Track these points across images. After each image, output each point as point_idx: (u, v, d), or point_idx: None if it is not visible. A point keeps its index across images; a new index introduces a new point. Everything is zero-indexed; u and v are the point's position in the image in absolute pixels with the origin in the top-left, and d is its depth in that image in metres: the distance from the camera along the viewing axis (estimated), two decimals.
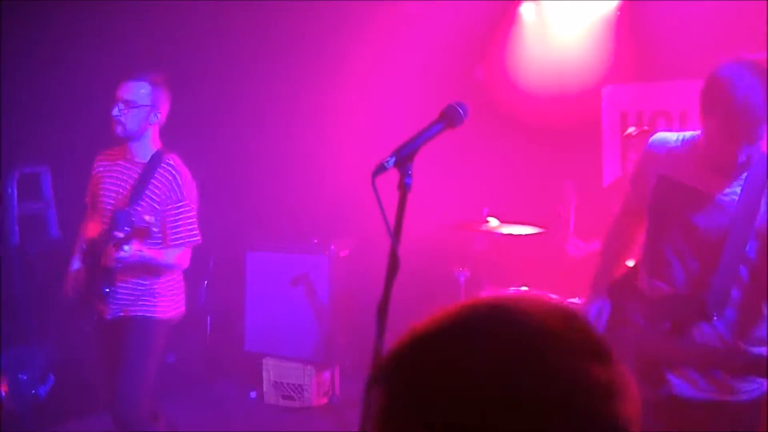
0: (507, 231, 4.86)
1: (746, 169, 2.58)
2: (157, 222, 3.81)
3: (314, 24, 6.33)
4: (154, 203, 3.81)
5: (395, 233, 2.01)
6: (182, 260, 3.92)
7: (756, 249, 2.58)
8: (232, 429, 5.39)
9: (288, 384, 5.72)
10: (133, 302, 3.87)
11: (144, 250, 3.74)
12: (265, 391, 5.81)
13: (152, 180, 3.83)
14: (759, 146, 2.49)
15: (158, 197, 3.81)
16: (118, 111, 3.82)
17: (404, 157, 2.03)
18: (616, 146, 5.65)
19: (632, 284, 2.89)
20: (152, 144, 3.92)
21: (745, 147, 2.47)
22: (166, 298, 3.94)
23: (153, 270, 3.88)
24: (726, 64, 2.47)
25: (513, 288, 4.84)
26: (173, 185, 3.82)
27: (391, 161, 2.02)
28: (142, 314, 3.87)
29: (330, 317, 5.74)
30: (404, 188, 2.03)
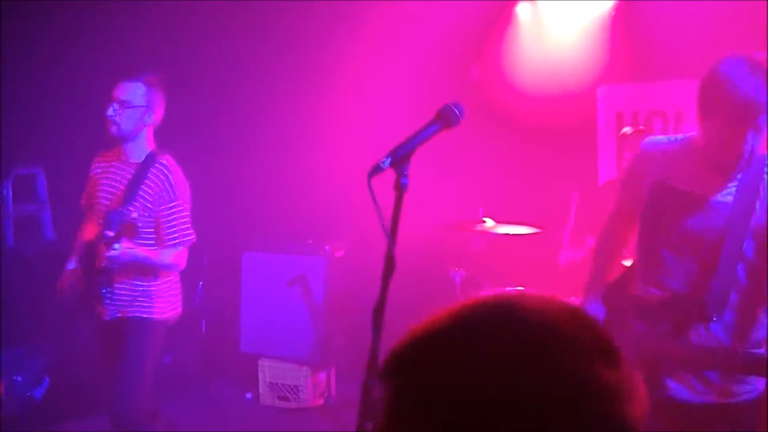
0: (503, 231, 4.86)
1: (743, 168, 2.58)
2: (149, 221, 3.82)
3: (310, 25, 6.32)
4: (147, 203, 3.82)
5: (391, 234, 2.01)
6: (179, 260, 3.92)
7: (753, 249, 2.58)
8: (228, 430, 5.38)
9: (284, 385, 5.71)
10: (131, 303, 3.87)
11: (135, 249, 3.74)
12: (261, 392, 5.79)
13: (145, 180, 3.83)
14: (761, 139, 2.48)
15: (151, 197, 3.82)
16: (113, 111, 3.83)
17: (400, 158, 2.03)
18: (612, 146, 5.66)
19: (626, 289, 2.88)
20: (147, 145, 3.93)
21: (751, 138, 2.45)
22: (164, 299, 3.94)
23: (149, 270, 3.88)
24: (723, 61, 2.47)
25: (509, 288, 4.84)
26: (165, 185, 3.82)
27: (387, 162, 2.02)
28: (140, 315, 3.87)
29: (326, 318, 5.73)
30: (400, 189, 2.03)
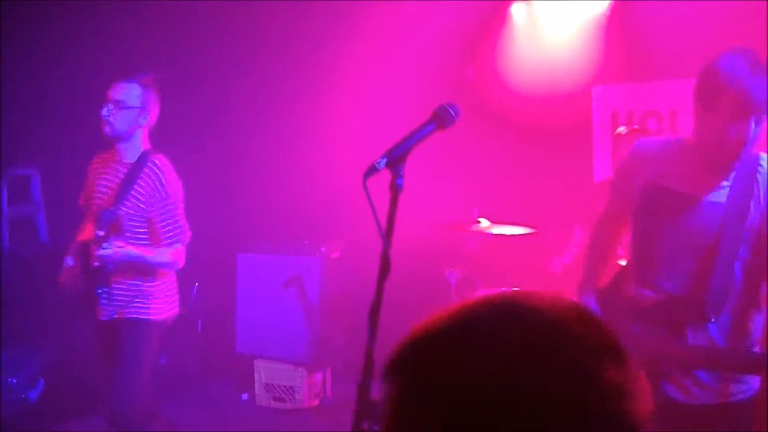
0: (498, 231, 4.86)
1: (738, 164, 2.56)
2: (142, 221, 3.82)
3: (306, 25, 6.32)
4: (140, 202, 3.81)
5: (387, 234, 2.01)
6: (177, 258, 3.91)
7: (749, 249, 2.58)
8: (223, 430, 5.37)
9: (279, 386, 5.70)
10: (128, 304, 3.86)
11: (126, 247, 3.73)
12: (257, 393, 5.79)
13: (137, 180, 3.83)
14: (761, 130, 2.47)
15: (143, 196, 3.81)
16: (107, 111, 3.83)
17: (396, 158, 2.03)
18: (607, 146, 5.66)
19: (620, 290, 2.88)
20: (141, 145, 3.93)
21: (753, 129, 2.44)
22: (160, 300, 3.94)
23: (146, 269, 3.87)
24: (722, 55, 2.47)
25: (504, 288, 4.83)
26: (157, 184, 3.82)
27: (383, 162, 2.02)
28: (136, 316, 3.86)
29: (321, 319, 5.73)
30: (396, 189, 2.03)
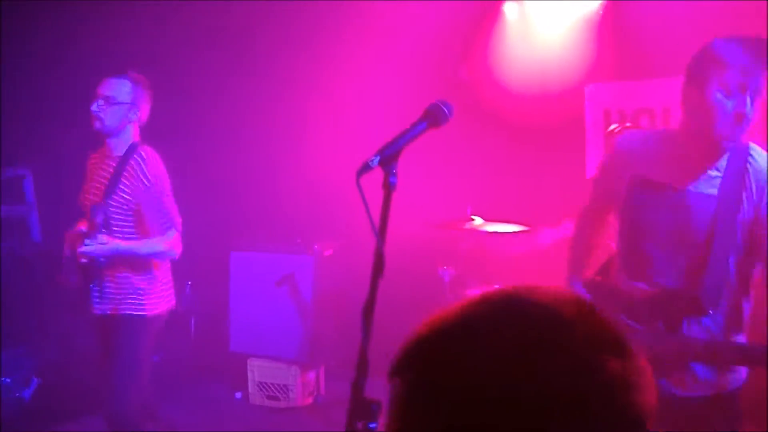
0: (491, 229, 4.88)
1: (725, 152, 2.55)
2: (128, 214, 3.81)
3: (300, 25, 6.32)
4: (126, 195, 3.81)
5: (380, 232, 2.01)
6: (173, 245, 3.88)
7: (742, 241, 2.57)
8: (217, 430, 5.37)
9: (273, 384, 5.70)
10: (121, 300, 3.86)
11: (110, 243, 3.72)
12: (251, 392, 5.79)
13: (123, 173, 3.82)
14: (744, 128, 2.45)
15: (128, 188, 3.80)
16: (97, 107, 3.83)
17: (389, 156, 2.03)
18: (600, 144, 5.66)
19: (609, 283, 2.87)
20: (130, 140, 3.91)
21: (751, 99, 2.41)
22: (155, 294, 3.92)
23: (140, 263, 3.86)
24: (716, 38, 2.46)
25: (498, 286, 4.84)
26: (139, 174, 3.80)
27: (376, 160, 2.01)
28: (130, 312, 3.85)
29: (315, 317, 5.73)
30: (389, 187, 2.02)
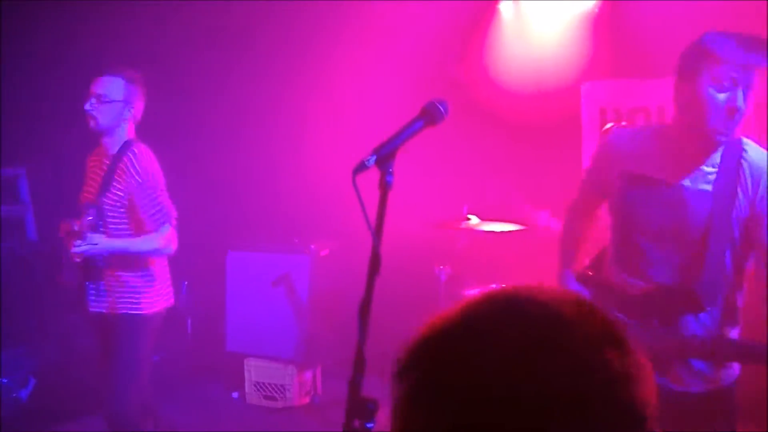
0: (487, 228, 4.88)
1: (718, 147, 2.54)
2: (122, 211, 3.79)
3: (297, 24, 6.31)
4: (119, 192, 3.79)
5: (376, 232, 2.00)
6: (168, 241, 3.85)
7: (738, 237, 2.57)
8: (214, 430, 5.36)
9: (270, 384, 5.69)
10: (118, 299, 3.85)
11: (101, 242, 3.70)
12: (247, 392, 5.78)
13: (116, 170, 3.81)
14: (736, 122, 2.44)
15: (121, 185, 3.79)
16: (90, 106, 3.81)
17: (385, 155, 2.02)
18: (596, 142, 5.66)
19: (602, 279, 2.87)
20: (124, 138, 3.89)
21: (743, 94, 2.41)
22: (152, 292, 3.90)
23: (135, 260, 3.84)
24: (707, 32, 2.46)
25: (495, 285, 4.85)
26: (131, 170, 3.78)
27: (372, 159, 2.01)
28: (127, 312, 3.84)
29: (311, 317, 5.72)
30: (385, 186, 2.02)
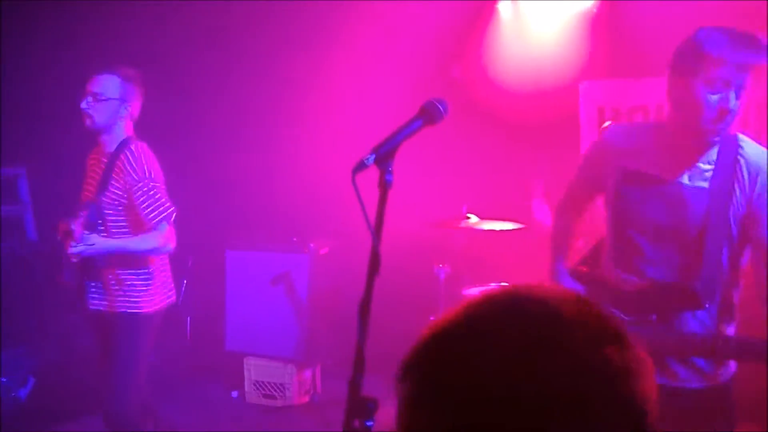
0: (487, 227, 4.88)
1: (713, 144, 2.54)
2: (120, 210, 3.79)
3: (294, 24, 6.31)
4: (117, 191, 3.78)
5: (376, 231, 2.01)
6: (167, 240, 3.82)
7: (735, 234, 2.57)
8: (214, 429, 5.36)
9: (269, 383, 5.70)
10: (118, 298, 3.84)
11: (97, 243, 3.69)
12: (247, 391, 5.79)
13: (114, 169, 3.80)
14: (730, 120, 2.44)
15: (119, 183, 3.78)
16: (86, 104, 3.80)
17: (384, 154, 2.02)
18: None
19: (596, 275, 2.87)
20: (122, 136, 3.88)
21: (734, 98, 2.41)
22: (152, 291, 3.89)
23: (134, 259, 3.83)
24: (702, 28, 2.45)
25: (494, 284, 4.86)
26: (128, 169, 3.76)
27: (372, 158, 2.01)
28: (126, 310, 3.84)
29: (310, 315, 5.73)
30: (385, 185, 2.02)
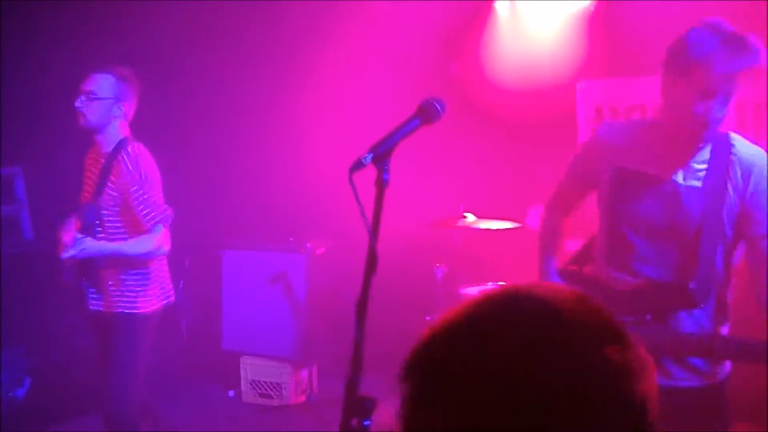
0: (484, 226, 4.88)
1: (705, 143, 2.54)
2: (117, 211, 3.77)
3: (289, 23, 6.31)
4: (114, 192, 3.77)
5: (373, 230, 2.00)
6: (161, 243, 3.81)
7: (729, 233, 2.57)
8: (211, 428, 5.36)
9: (266, 382, 5.69)
10: (115, 298, 3.83)
11: (91, 246, 3.68)
12: (243, 390, 5.78)
13: (111, 170, 3.78)
14: (719, 120, 2.44)
15: (115, 185, 3.76)
16: (80, 102, 3.79)
17: (381, 153, 2.02)
18: None
19: (586, 274, 2.86)
20: (118, 136, 3.86)
21: (721, 106, 2.41)
22: (150, 291, 3.88)
23: (128, 262, 3.82)
24: (692, 29, 2.45)
25: (491, 283, 4.86)
26: (125, 170, 3.74)
27: (369, 157, 2.01)
28: (123, 311, 3.83)
29: (307, 315, 5.72)
30: (382, 184, 2.02)
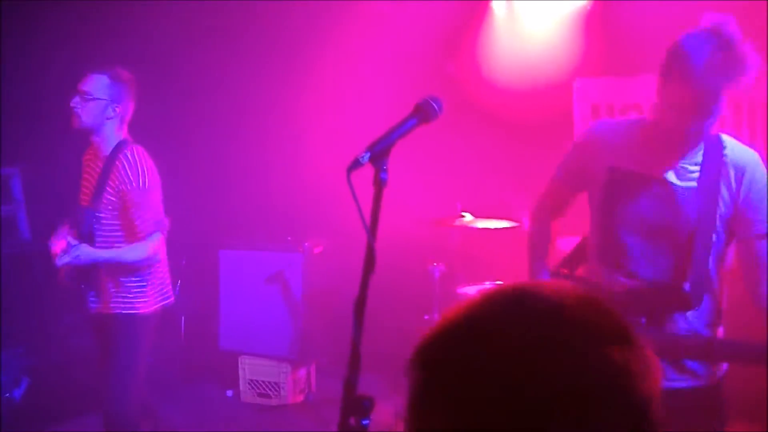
0: (481, 225, 4.88)
1: (698, 145, 2.54)
2: (115, 215, 3.76)
3: (287, 23, 6.30)
4: (112, 197, 3.75)
5: (371, 229, 2.00)
6: (156, 251, 3.81)
7: (723, 234, 2.57)
8: (209, 428, 5.36)
9: (264, 382, 5.69)
10: (115, 299, 3.83)
11: (85, 254, 3.67)
12: (242, 390, 5.78)
13: (110, 174, 3.76)
14: (711, 123, 2.43)
15: (114, 189, 3.74)
16: (75, 103, 3.77)
17: (379, 152, 2.01)
18: None
19: (577, 278, 2.86)
20: (116, 138, 3.83)
21: (697, 119, 2.40)
22: (149, 292, 3.87)
23: (124, 267, 3.81)
24: (690, 32, 2.42)
25: (489, 282, 4.86)
26: (124, 175, 3.72)
27: (366, 156, 2.00)
28: (123, 311, 3.82)
29: (305, 314, 5.72)
30: (379, 183, 2.01)
